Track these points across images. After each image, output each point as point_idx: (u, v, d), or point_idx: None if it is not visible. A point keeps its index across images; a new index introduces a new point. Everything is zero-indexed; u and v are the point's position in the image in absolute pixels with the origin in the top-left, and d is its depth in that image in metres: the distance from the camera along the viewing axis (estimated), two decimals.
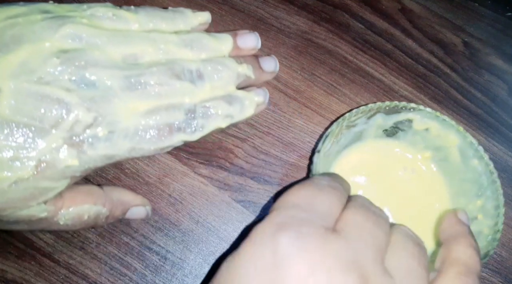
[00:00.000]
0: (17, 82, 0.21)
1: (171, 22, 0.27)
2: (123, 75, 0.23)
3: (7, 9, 0.23)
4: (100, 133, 0.22)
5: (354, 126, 0.30)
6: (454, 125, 0.29)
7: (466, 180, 0.29)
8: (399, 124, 0.30)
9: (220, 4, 0.36)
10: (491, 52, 0.38)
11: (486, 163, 0.28)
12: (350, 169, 0.30)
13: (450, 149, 0.29)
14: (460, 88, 0.36)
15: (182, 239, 0.30)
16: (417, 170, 0.31)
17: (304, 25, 0.37)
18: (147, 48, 0.25)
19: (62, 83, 0.22)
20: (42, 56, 0.22)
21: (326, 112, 0.34)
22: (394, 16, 0.38)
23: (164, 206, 0.30)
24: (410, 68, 0.36)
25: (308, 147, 0.33)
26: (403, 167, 0.31)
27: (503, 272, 0.30)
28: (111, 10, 0.25)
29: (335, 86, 0.35)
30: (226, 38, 0.28)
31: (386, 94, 0.35)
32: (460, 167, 0.29)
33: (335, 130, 0.28)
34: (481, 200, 0.28)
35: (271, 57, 0.31)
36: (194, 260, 0.29)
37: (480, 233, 0.27)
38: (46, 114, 0.21)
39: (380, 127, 0.31)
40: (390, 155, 0.31)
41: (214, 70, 0.26)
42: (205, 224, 0.30)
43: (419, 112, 0.29)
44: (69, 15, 0.24)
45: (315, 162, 0.27)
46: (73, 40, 0.23)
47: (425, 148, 0.31)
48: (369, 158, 0.31)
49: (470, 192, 0.29)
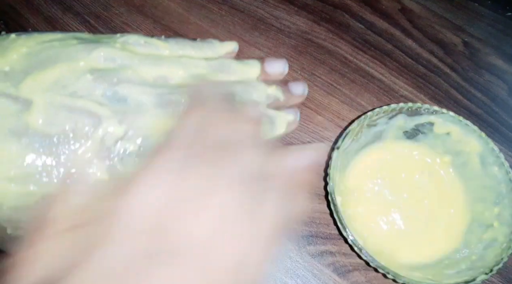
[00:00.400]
0: (51, 95, 0.21)
1: (200, 49, 0.28)
2: (155, 93, 0.24)
3: (44, 35, 0.24)
4: (131, 147, 0.22)
5: (375, 126, 0.30)
6: (477, 130, 0.28)
7: (484, 187, 0.29)
8: (420, 126, 0.30)
9: (220, 4, 0.36)
10: (491, 52, 0.38)
11: (506, 171, 0.27)
12: (367, 168, 0.30)
13: (471, 154, 0.29)
14: (460, 88, 0.36)
15: None
16: (434, 174, 0.31)
17: (304, 25, 0.37)
18: (177, 71, 0.25)
19: (95, 97, 0.22)
20: (76, 73, 0.22)
21: (326, 112, 0.34)
22: (394, 16, 0.38)
23: None
24: (410, 68, 0.36)
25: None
26: (421, 170, 0.31)
27: (503, 272, 0.30)
28: (142, 38, 0.26)
29: (335, 86, 0.35)
30: (254, 63, 0.29)
31: (386, 94, 0.35)
32: (479, 173, 0.29)
33: (356, 128, 0.28)
34: (498, 208, 0.27)
35: (300, 82, 0.32)
36: None
37: (495, 241, 0.27)
38: (77, 125, 0.21)
39: (401, 128, 0.31)
40: (409, 157, 0.31)
41: (244, 90, 0.27)
42: None
43: (442, 115, 0.29)
44: (103, 41, 0.25)
45: (334, 158, 0.27)
46: (106, 60, 0.24)
47: (445, 152, 0.31)
48: (387, 158, 0.31)
49: (487, 199, 0.28)
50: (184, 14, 0.36)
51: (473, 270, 0.25)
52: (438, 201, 0.30)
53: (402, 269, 0.25)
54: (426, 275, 0.25)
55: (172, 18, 0.36)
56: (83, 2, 0.36)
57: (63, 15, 0.36)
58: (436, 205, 0.30)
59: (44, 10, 0.36)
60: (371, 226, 0.29)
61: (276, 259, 0.29)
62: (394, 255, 0.28)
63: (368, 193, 0.30)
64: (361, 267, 0.29)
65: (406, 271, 0.25)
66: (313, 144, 0.30)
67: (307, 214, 0.30)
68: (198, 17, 0.36)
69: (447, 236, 0.29)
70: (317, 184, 0.31)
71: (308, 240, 0.30)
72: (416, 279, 0.25)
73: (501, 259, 0.25)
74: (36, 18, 0.35)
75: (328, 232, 0.30)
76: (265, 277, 0.20)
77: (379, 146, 0.31)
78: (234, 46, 0.30)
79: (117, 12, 0.36)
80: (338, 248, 0.29)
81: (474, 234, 0.28)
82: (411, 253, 0.28)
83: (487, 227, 0.27)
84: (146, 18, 0.36)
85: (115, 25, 0.36)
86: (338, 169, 0.28)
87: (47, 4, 0.36)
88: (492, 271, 0.25)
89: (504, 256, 0.25)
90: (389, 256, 0.27)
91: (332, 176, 0.27)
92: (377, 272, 0.26)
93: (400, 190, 0.30)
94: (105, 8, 0.36)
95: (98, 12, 0.36)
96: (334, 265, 0.29)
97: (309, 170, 0.18)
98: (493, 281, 0.30)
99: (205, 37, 0.35)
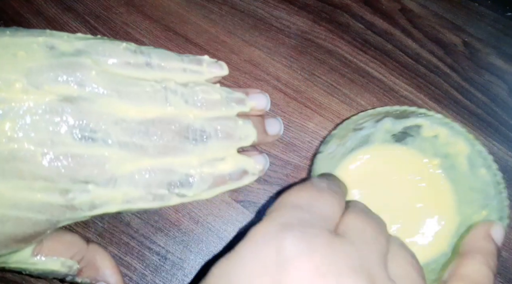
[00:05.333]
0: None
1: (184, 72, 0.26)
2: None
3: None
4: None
5: (361, 129, 0.29)
6: (464, 132, 0.28)
7: (473, 189, 0.28)
8: (407, 129, 0.30)
9: (220, 4, 0.36)
10: (491, 52, 0.38)
11: (494, 173, 0.27)
12: (355, 172, 0.30)
13: (459, 157, 0.29)
14: (460, 88, 0.36)
15: (182, 239, 0.30)
16: (423, 177, 0.30)
17: (304, 25, 0.37)
18: (155, 105, 0.24)
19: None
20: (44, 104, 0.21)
21: (326, 112, 0.34)
22: (394, 16, 0.38)
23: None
24: (410, 68, 0.36)
25: (308, 147, 0.33)
26: (409, 173, 0.30)
27: (503, 272, 0.30)
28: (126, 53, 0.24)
29: (335, 86, 0.35)
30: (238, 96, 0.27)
31: (386, 94, 0.35)
32: (468, 175, 0.29)
33: (339, 133, 0.28)
34: (486, 211, 0.27)
35: (277, 120, 0.30)
36: (194, 260, 0.29)
37: None
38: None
39: (389, 132, 0.30)
40: (397, 160, 0.31)
41: (219, 132, 0.25)
42: (205, 224, 0.30)
43: (428, 117, 0.28)
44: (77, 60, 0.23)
45: (315, 163, 0.27)
46: (80, 87, 0.22)
47: (434, 155, 0.30)
48: (376, 162, 0.31)
49: (476, 202, 0.28)
50: (184, 14, 0.36)
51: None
52: (427, 205, 0.30)
53: None
54: None
55: (172, 18, 0.36)
56: (83, 2, 0.36)
57: (63, 15, 0.36)
58: (425, 208, 0.30)
59: (44, 10, 0.36)
60: None
61: None
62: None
63: (356, 197, 0.30)
64: None
65: None
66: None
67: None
68: (198, 17, 0.36)
69: (436, 240, 0.29)
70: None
71: None
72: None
73: None
74: (36, 18, 0.35)
75: None
76: None
77: (367, 150, 0.31)
78: (224, 70, 0.28)
79: (117, 12, 0.36)
80: None
81: (462, 237, 0.28)
82: None
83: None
84: (146, 18, 0.36)
85: (115, 25, 0.36)
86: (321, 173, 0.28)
87: (47, 4, 0.36)
88: None
89: None
90: None
91: None
92: None
93: (389, 193, 0.30)
94: (105, 8, 0.36)
95: (98, 12, 0.36)
96: None
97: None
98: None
99: (205, 37, 0.35)
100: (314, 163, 0.27)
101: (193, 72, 0.26)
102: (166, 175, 0.24)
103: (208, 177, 0.25)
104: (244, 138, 0.26)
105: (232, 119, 0.26)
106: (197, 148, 0.24)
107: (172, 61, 0.25)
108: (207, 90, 0.26)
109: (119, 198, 0.23)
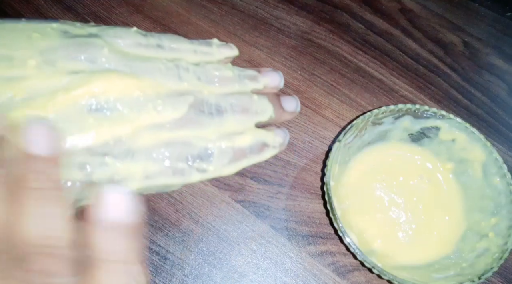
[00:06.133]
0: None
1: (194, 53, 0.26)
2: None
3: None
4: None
5: (380, 124, 0.29)
6: (482, 139, 0.28)
7: (484, 196, 0.28)
8: (426, 130, 0.30)
9: (220, 4, 0.36)
10: (491, 52, 0.38)
11: (507, 182, 0.27)
12: (368, 166, 0.30)
13: (474, 163, 0.29)
14: (460, 88, 0.36)
15: (182, 239, 0.30)
16: (433, 180, 0.31)
17: (304, 25, 0.37)
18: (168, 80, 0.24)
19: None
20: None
21: (326, 112, 0.34)
22: (394, 16, 0.38)
23: (164, 206, 0.30)
24: (410, 68, 0.36)
25: (308, 147, 0.33)
26: (420, 175, 0.31)
27: (503, 272, 0.30)
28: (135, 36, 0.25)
29: (335, 86, 0.35)
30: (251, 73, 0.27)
31: (386, 94, 0.35)
32: (480, 182, 0.29)
33: (360, 124, 0.28)
34: (496, 219, 0.27)
35: (293, 97, 0.30)
36: (194, 260, 0.29)
37: (487, 250, 0.26)
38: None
39: (407, 130, 0.30)
40: (411, 160, 0.31)
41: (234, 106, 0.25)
42: (205, 224, 0.30)
43: (448, 120, 0.29)
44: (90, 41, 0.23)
45: (332, 151, 0.27)
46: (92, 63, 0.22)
47: (448, 159, 0.30)
48: (389, 159, 0.31)
49: (486, 209, 0.28)
50: (184, 14, 0.36)
51: (461, 276, 0.25)
52: (435, 207, 0.30)
53: (393, 269, 0.25)
54: (413, 276, 0.25)
55: (172, 18, 0.36)
56: (83, 2, 0.36)
57: (63, 15, 0.36)
58: (433, 210, 0.30)
59: (44, 10, 0.36)
60: (367, 227, 0.29)
61: (276, 259, 0.29)
62: (388, 255, 0.28)
63: (367, 192, 0.30)
64: (361, 267, 0.29)
65: (397, 271, 0.25)
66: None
67: (307, 214, 0.31)
68: (198, 17, 0.36)
69: (440, 242, 0.29)
70: (317, 184, 0.31)
71: (308, 240, 0.30)
72: (403, 278, 0.24)
73: (491, 268, 0.25)
74: (36, 18, 0.35)
75: (328, 232, 0.30)
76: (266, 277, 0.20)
77: (382, 146, 0.31)
78: (234, 51, 0.28)
79: (117, 12, 0.36)
80: (338, 248, 0.29)
81: (468, 242, 0.28)
82: (404, 254, 0.28)
83: (482, 236, 0.27)
84: (146, 18, 0.36)
85: (115, 25, 0.36)
86: (338, 163, 0.28)
87: (47, 4, 0.36)
88: (480, 279, 0.25)
89: (494, 266, 0.25)
90: (382, 256, 0.27)
91: (331, 168, 0.27)
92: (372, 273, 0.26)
93: (397, 191, 0.30)
94: (105, 8, 0.36)
95: (98, 12, 0.36)
96: (334, 265, 0.29)
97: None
98: (493, 281, 0.30)
99: (205, 37, 0.35)
100: (332, 151, 0.27)
101: (204, 53, 0.27)
102: (184, 148, 0.23)
103: (227, 150, 0.25)
104: (260, 113, 0.26)
105: (247, 94, 0.26)
106: (213, 122, 0.24)
107: (182, 43, 0.26)
108: (218, 67, 0.26)
109: (139, 173, 0.23)
